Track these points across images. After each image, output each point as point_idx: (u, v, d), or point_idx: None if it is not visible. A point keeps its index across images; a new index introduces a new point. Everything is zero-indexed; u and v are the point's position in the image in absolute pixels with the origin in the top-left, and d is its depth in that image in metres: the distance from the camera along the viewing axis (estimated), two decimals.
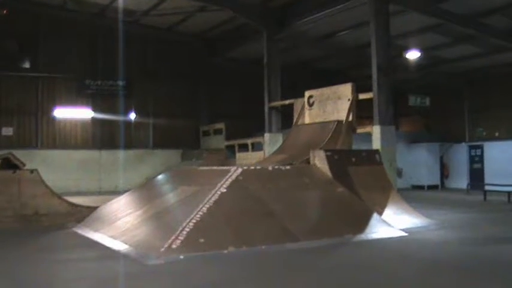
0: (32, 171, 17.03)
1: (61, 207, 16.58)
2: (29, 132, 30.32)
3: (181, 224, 11.02)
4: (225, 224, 11.40)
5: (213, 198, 11.94)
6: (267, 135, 26.35)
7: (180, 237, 10.55)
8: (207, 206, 11.64)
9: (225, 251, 10.47)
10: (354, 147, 19.17)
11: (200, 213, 11.36)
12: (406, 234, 12.84)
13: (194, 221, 11.10)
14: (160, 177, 17.02)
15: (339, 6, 23.40)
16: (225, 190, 12.31)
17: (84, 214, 16.08)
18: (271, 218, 11.98)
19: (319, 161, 14.94)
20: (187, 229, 10.81)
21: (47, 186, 16.77)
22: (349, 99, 19.31)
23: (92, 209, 16.38)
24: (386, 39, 20.78)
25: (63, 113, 30.92)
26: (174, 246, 10.35)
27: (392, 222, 13.51)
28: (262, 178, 13.66)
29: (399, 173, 25.16)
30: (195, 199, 12.43)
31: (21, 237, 13.84)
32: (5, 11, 28.70)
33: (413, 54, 29.51)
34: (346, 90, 19.64)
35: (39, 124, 30.40)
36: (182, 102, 33.66)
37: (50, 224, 15.62)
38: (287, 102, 24.30)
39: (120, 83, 31.55)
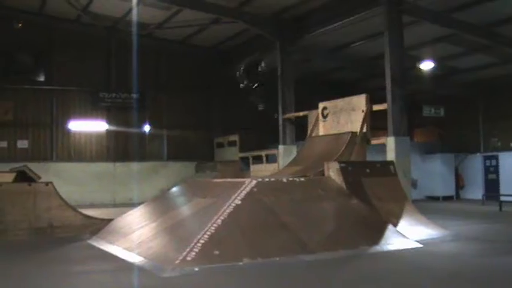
0: (47, 183, 17.08)
1: (76, 220, 16.62)
2: (44, 145, 30.46)
3: (196, 236, 11.00)
4: (240, 236, 11.36)
5: (228, 210, 11.92)
6: (281, 147, 26.34)
7: (195, 249, 10.54)
8: (222, 218, 11.61)
9: (240, 263, 10.44)
10: (368, 158, 19.12)
11: (215, 225, 11.34)
12: (421, 245, 12.75)
13: (209, 233, 11.07)
14: (174, 189, 17.01)
15: (352, 18, 23.44)
16: (239, 202, 12.29)
17: (98, 226, 16.09)
18: (286, 229, 11.95)
19: (334, 172, 14.89)
20: (202, 241, 10.78)
21: (61, 199, 16.81)
22: (363, 111, 19.20)
23: (106, 221, 16.39)
24: (400, 50, 20.78)
25: (77, 125, 31.07)
26: (189, 258, 10.33)
27: (408, 234, 13.41)
28: (277, 190, 13.64)
29: (414, 184, 25.07)
30: (209, 211, 12.41)
31: (36, 249, 13.86)
32: (19, 25, 28.90)
33: (427, 65, 29.50)
34: (360, 101, 19.52)
35: (54, 137, 30.55)
36: (196, 114, 33.74)
37: (64, 236, 15.66)
38: (301, 114, 24.27)
39: (134, 95, 31.66)
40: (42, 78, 30.51)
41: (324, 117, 21.05)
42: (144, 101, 32.35)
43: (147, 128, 32.65)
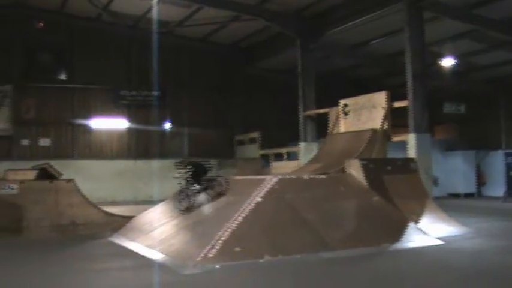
0: (68, 181, 17.20)
1: (97, 217, 16.72)
2: (66, 143, 30.60)
3: (217, 233, 11.05)
4: (261, 233, 11.42)
5: (249, 208, 11.96)
6: (302, 145, 26.31)
7: (216, 247, 10.59)
8: (243, 215, 11.67)
9: (261, 260, 10.49)
10: (389, 155, 19.07)
11: (236, 222, 11.39)
12: (442, 242, 12.70)
13: (230, 230, 11.13)
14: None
15: (372, 14, 23.38)
16: (260, 199, 12.32)
17: (120, 224, 16.17)
18: (306, 227, 11.97)
19: (355, 169, 14.87)
20: (223, 238, 10.84)
21: (83, 196, 16.93)
22: (384, 108, 19.20)
23: (128, 219, 16.47)
24: (421, 46, 20.71)
25: (98, 123, 31.19)
26: (210, 255, 10.38)
27: (429, 231, 13.37)
28: (298, 187, 13.65)
29: (435, 181, 24.96)
30: (231, 208, 12.45)
31: (58, 246, 13.97)
32: (40, 24, 29.07)
33: (448, 61, 29.36)
34: (380, 98, 19.50)
35: (75, 135, 30.69)
36: (217, 111, 33.75)
37: (86, 234, 15.74)
38: (322, 111, 24.25)
39: (155, 93, 31.73)
40: (63, 77, 30.71)
41: (345, 114, 21.01)
42: (165, 99, 32.41)
43: (167, 125, 32.71)
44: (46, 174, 18.61)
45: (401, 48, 21.54)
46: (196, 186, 15.27)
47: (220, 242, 10.75)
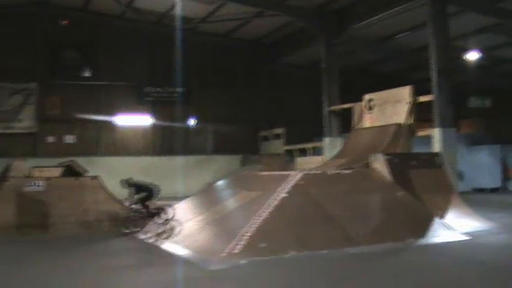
0: (94, 177, 17.31)
1: (123, 213, 16.80)
2: (90, 140, 30.77)
3: (242, 229, 11.09)
4: (286, 229, 11.44)
5: (274, 203, 11.97)
6: (326, 140, 26.27)
7: (241, 242, 10.62)
8: (268, 210, 11.69)
9: (286, 256, 10.51)
10: (414, 150, 18.98)
11: (261, 218, 11.41)
12: (468, 238, 12.65)
13: (255, 225, 11.17)
14: (220, 182, 17.09)
15: (396, 8, 23.27)
16: (285, 195, 12.33)
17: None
18: (332, 222, 11.98)
19: (379, 164, 14.85)
20: (248, 234, 10.88)
21: (108, 193, 17.04)
22: (408, 102, 19.10)
23: None
24: (445, 40, 20.57)
25: (123, 120, 31.33)
26: (235, 251, 10.42)
27: (454, 226, 13.33)
28: (323, 182, 13.65)
29: (460, 176, 24.82)
30: (256, 204, 12.47)
31: (84, 243, 14.06)
32: (65, 22, 29.25)
33: (472, 55, 29.19)
34: (405, 93, 19.42)
35: (100, 131, 30.85)
36: (241, 107, 33.77)
37: (112, 230, 15.83)
38: (346, 106, 24.17)
39: (179, 89, 31.81)
40: (88, 74, 30.84)
41: (369, 109, 20.95)
42: (189, 95, 32.49)
43: (192, 122, 32.79)
44: (71, 171, 18.70)
45: (425, 43, 21.38)
46: (143, 211, 15.35)
47: (246, 237, 10.80)
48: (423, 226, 12.64)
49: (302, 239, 11.18)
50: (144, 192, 15.67)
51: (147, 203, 15.50)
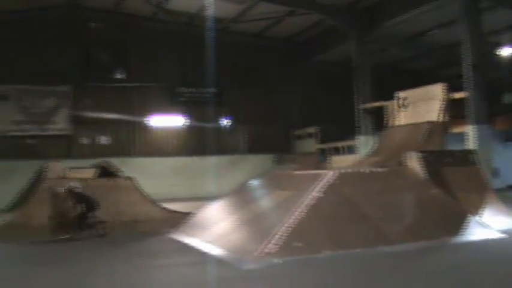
0: (128, 178, 17.42)
1: (157, 214, 16.90)
2: (124, 141, 31.02)
3: (277, 228, 11.06)
4: (321, 228, 11.39)
5: (308, 202, 11.93)
6: (360, 138, 26.23)
7: (275, 242, 10.59)
8: (302, 210, 11.64)
9: (321, 255, 10.47)
10: (448, 147, 18.85)
11: (295, 217, 11.37)
12: (504, 236, 12.46)
13: (290, 225, 11.12)
14: (254, 182, 17.08)
15: (428, 5, 23.15)
16: (319, 194, 12.28)
17: (179, 220, 16.27)
18: (366, 221, 11.91)
19: (413, 162, 14.74)
20: (283, 233, 10.85)
21: (142, 193, 17.13)
22: (441, 99, 18.98)
23: (187, 215, 16.57)
24: (479, 36, 20.45)
25: (156, 121, 31.52)
26: (270, 250, 10.39)
27: (490, 224, 13.18)
28: (357, 181, 13.58)
29: (495, 173, 24.57)
30: (290, 203, 12.42)
31: (119, 243, 14.14)
32: (97, 24, 29.49)
33: (506, 51, 28.92)
34: (438, 90, 19.31)
35: (133, 132, 31.06)
36: (274, 106, 33.81)
37: (146, 230, 15.88)
38: (379, 104, 24.12)
39: (212, 90, 31.92)
40: (121, 76, 31.07)
41: (402, 106, 20.85)
42: (222, 95, 32.61)
43: (225, 121, 32.88)
44: (106, 172, 18.87)
45: (458, 39, 21.26)
46: (82, 222, 15.32)
47: (280, 237, 10.76)
48: (458, 224, 12.51)
49: (336, 238, 11.12)
50: (84, 203, 15.51)
51: (85, 215, 15.31)
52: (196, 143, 32.15)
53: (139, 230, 15.98)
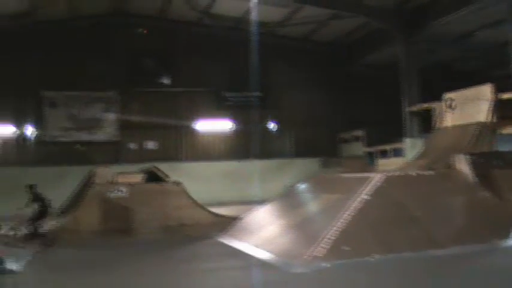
0: (175, 183, 17.50)
1: (205, 218, 16.96)
2: (171, 146, 31.20)
3: (325, 232, 11.05)
4: (369, 231, 11.35)
5: (356, 205, 11.88)
6: (407, 140, 25.98)
7: (324, 245, 10.58)
8: (351, 213, 11.62)
9: (370, 258, 10.43)
10: (498, 149, 18.56)
11: (344, 220, 11.36)
12: None
13: (338, 228, 11.12)
14: (301, 185, 17.05)
15: (476, 5, 22.89)
16: (367, 197, 12.22)
17: (227, 224, 16.31)
18: (415, 224, 11.82)
19: (462, 164, 14.55)
20: (331, 237, 10.85)
21: (190, 197, 17.20)
22: (489, 100, 18.63)
23: (234, 219, 16.60)
24: None
25: (203, 125, 31.66)
26: (318, 254, 10.39)
27: None
28: (405, 184, 13.48)
29: None
30: (337, 207, 12.39)
31: (168, 247, 14.23)
32: (143, 30, 29.73)
33: None
34: (486, 91, 18.88)
35: (180, 137, 31.25)
36: (319, 110, 33.72)
37: (194, 234, 15.95)
38: (426, 106, 23.82)
39: (258, 94, 31.93)
40: (167, 81, 31.28)
41: (450, 108, 20.61)
42: (268, 99, 32.63)
43: (271, 125, 32.89)
44: (153, 177, 18.95)
45: (507, 38, 20.98)
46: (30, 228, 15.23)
47: (329, 240, 10.76)
48: (509, 227, 12.35)
49: (385, 241, 11.07)
50: (40, 203, 15.55)
51: (38, 221, 15.41)
52: (242, 147, 32.17)
53: (187, 234, 16.06)
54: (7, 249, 13.44)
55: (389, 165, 25.88)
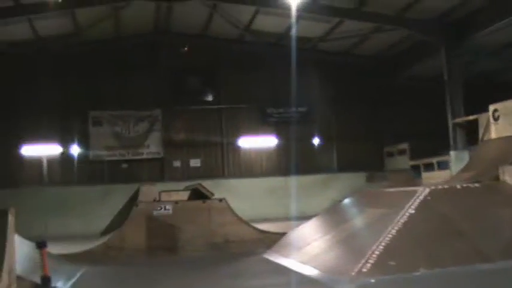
0: (220, 200, 17.53)
1: (250, 234, 16.95)
2: (215, 163, 31.37)
3: (371, 247, 10.92)
4: (415, 245, 11.14)
5: (402, 220, 11.74)
6: (452, 153, 25.75)
7: (370, 261, 10.47)
8: (396, 228, 11.46)
9: (417, 273, 10.24)
10: None
11: (389, 235, 11.21)
12: None
13: (384, 243, 10.97)
14: (346, 200, 16.95)
15: None
16: (413, 211, 12.08)
17: (273, 240, 16.26)
18: (462, 237, 11.61)
19: (509, 176, 14.38)
20: (377, 252, 10.71)
21: (235, 214, 17.20)
22: None
23: (280, 235, 16.53)
24: None
25: (247, 141, 31.72)
26: (364, 269, 10.27)
27: None
28: (451, 197, 13.31)
29: None
30: (383, 221, 12.27)
31: (213, 264, 14.24)
32: (185, 48, 29.98)
33: None
34: None
35: (224, 154, 31.38)
36: (364, 124, 33.64)
37: (239, 251, 15.94)
38: (471, 118, 23.61)
39: (301, 109, 31.98)
40: (210, 98, 31.47)
41: (496, 119, 20.37)
42: (311, 114, 32.66)
43: (315, 140, 32.87)
44: (198, 194, 19.01)
45: None
46: None
47: (374, 256, 10.62)
48: None
49: (432, 255, 10.84)
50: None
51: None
52: (287, 162, 32.14)
53: (232, 251, 16.07)
54: (54, 267, 13.53)
55: (434, 178, 25.69)
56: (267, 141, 32.62)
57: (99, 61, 30.36)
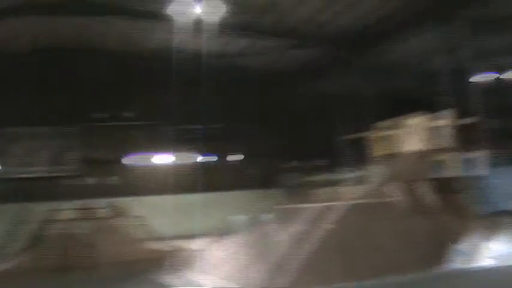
0: (116, 217, 19.18)
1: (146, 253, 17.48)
2: (126, 179, 31.35)
3: (287, 261, 11.68)
4: (333, 259, 11.81)
5: (320, 235, 12.52)
6: (344, 170, 25.60)
7: (285, 275, 11.20)
8: (314, 242, 12.22)
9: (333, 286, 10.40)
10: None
11: (307, 250, 11.98)
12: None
13: (300, 258, 11.70)
14: (266, 217, 17.67)
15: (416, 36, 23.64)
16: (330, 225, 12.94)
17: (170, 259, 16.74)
18: (379, 252, 12.39)
19: (399, 192, 15.16)
20: (292, 266, 11.40)
21: (133, 233, 18.44)
22: (423, 129, 18.86)
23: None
24: None
25: (159, 158, 32.19)
26: (278, 284, 11.02)
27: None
28: (368, 212, 14.14)
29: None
30: (301, 236, 12.92)
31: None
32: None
33: None
34: (419, 120, 19.17)
35: (137, 170, 31.78)
36: (267, 141, 33.51)
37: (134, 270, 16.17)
38: (362, 134, 23.78)
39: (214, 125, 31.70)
40: (126, 114, 31.96)
41: (385, 137, 20.80)
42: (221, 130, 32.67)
43: (215, 157, 33.44)
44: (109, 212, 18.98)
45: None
46: None
47: (290, 270, 11.33)
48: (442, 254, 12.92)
49: (347, 269, 11.43)
50: None
51: None
52: (189, 179, 31.72)
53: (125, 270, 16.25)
54: None
55: (331, 194, 25.97)
56: (179, 158, 32.64)
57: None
